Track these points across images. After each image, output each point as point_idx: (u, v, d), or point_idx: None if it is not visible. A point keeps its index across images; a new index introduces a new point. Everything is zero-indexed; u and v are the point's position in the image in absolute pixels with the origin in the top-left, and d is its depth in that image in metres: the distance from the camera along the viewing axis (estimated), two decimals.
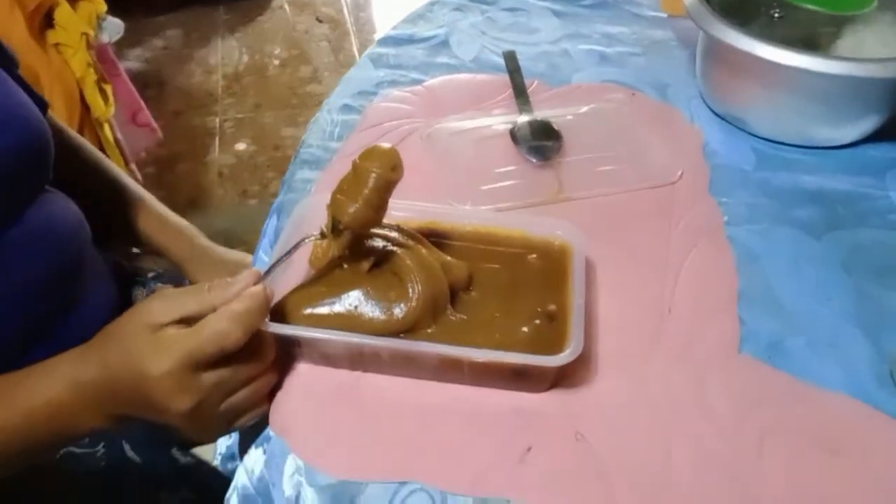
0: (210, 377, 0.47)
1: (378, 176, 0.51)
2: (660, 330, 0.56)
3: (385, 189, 0.52)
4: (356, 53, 2.55)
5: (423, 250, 0.54)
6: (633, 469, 0.48)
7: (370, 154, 0.52)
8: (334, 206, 0.52)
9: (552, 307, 0.53)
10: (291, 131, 2.17)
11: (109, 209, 0.81)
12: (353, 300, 0.52)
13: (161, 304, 0.48)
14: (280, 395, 0.52)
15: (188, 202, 1.95)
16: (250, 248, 1.92)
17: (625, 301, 0.58)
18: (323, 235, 0.54)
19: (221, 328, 0.46)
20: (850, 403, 0.52)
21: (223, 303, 0.47)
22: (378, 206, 0.52)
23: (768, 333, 0.56)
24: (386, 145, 0.53)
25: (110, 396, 0.49)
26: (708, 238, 0.64)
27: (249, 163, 2.08)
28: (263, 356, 0.50)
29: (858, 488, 0.48)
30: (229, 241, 1.79)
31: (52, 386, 0.50)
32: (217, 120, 2.23)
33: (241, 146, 2.14)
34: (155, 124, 1.77)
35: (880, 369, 0.54)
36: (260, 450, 0.51)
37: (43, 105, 0.69)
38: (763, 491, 0.47)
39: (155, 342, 0.46)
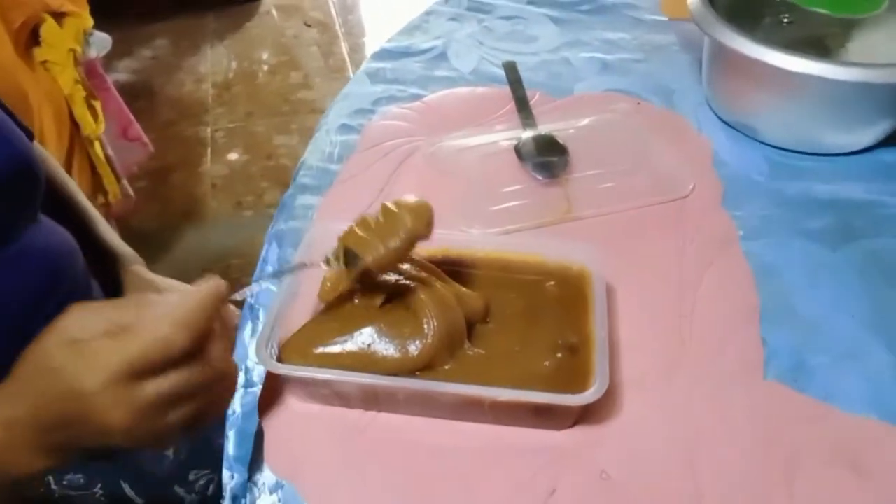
0: (153, 388, 0.41)
1: (411, 232, 0.50)
2: (680, 354, 0.55)
3: (413, 244, 0.50)
4: (346, 57, 2.52)
5: (438, 283, 0.52)
6: None
7: (406, 206, 0.51)
8: (355, 242, 0.50)
9: (574, 339, 0.51)
10: (284, 139, 2.15)
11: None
12: (366, 337, 0.50)
13: (78, 319, 0.43)
14: (288, 437, 0.50)
15: (182, 215, 1.92)
16: (248, 262, 1.89)
17: (643, 325, 0.56)
18: (327, 263, 0.52)
19: (162, 333, 0.41)
20: (876, 426, 0.50)
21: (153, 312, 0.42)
22: (402, 257, 0.51)
23: (790, 352, 0.55)
24: (421, 200, 0.52)
25: (39, 428, 0.44)
26: (724, 254, 0.62)
27: (242, 173, 2.05)
28: (218, 356, 0.44)
29: None
30: (226, 255, 1.79)
31: None
32: (208, 130, 2.21)
33: (233, 156, 2.11)
34: (146, 138, 1.75)
35: None
36: (274, 496, 0.49)
37: (28, 134, 0.67)
38: None
39: (80, 356, 0.41)
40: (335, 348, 0.50)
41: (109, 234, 0.82)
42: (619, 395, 0.52)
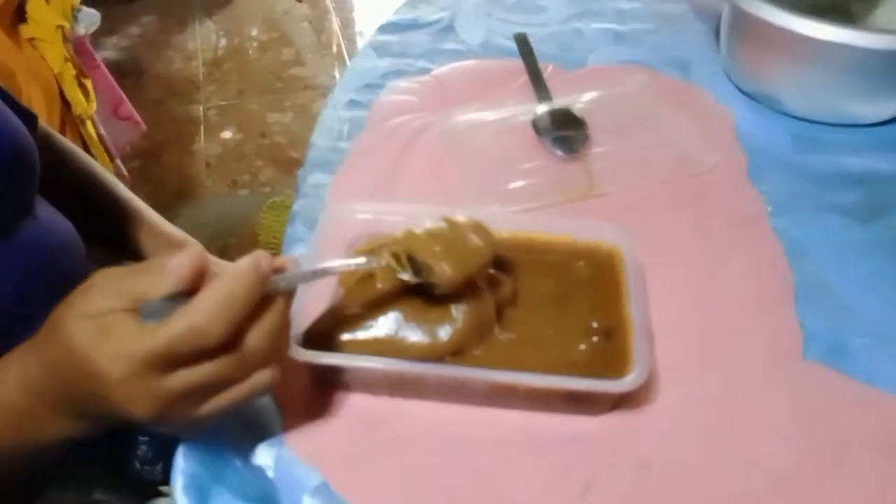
0: (180, 380, 0.38)
1: (486, 260, 0.48)
2: (715, 336, 0.53)
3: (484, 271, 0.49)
4: (338, 33, 2.48)
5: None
6: (705, 496, 0.44)
7: (481, 229, 0.49)
8: (424, 253, 0.47)
9: (609, 322, 0.49)
10: (277, 117, 2.11)
11: (104, 222, 0.76)
12: (391, 323, 0.48)
13: (103, 291, 0.39)
14: (313, 423, 0.48)
15: (176, 194, 1.89)
16: (243, 240, 1.86)
17: (675, 304, 0.55)
18: (388, 266, 0.47)
19: (197, 323, 0.37)
20: None
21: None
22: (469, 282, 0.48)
23: (828, 333, 0.53)
24: (479, 221, 0.50)
25: (66, 399, 0.41)
26: (753, 230, 0.60)
27: (236, 151, 2.02)
28: (256, 343, 0.39)
29: None
30: (222, 234, 1.76)
31: (1, 391, 0.43)
32: (200, 108, 2.17)
33: (226, 134, 2.07)
34: (138, 117, 1.71)
35: None
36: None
37: (31, 119, 0.64)
38: None
39: (106, 339, 0.37)
40: (361, 334, 0.48)
41: (161, 221, 0.79)
42: (654, 380, 0.50)
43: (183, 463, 0.46)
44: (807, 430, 0.47)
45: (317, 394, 0.49)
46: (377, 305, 0.49)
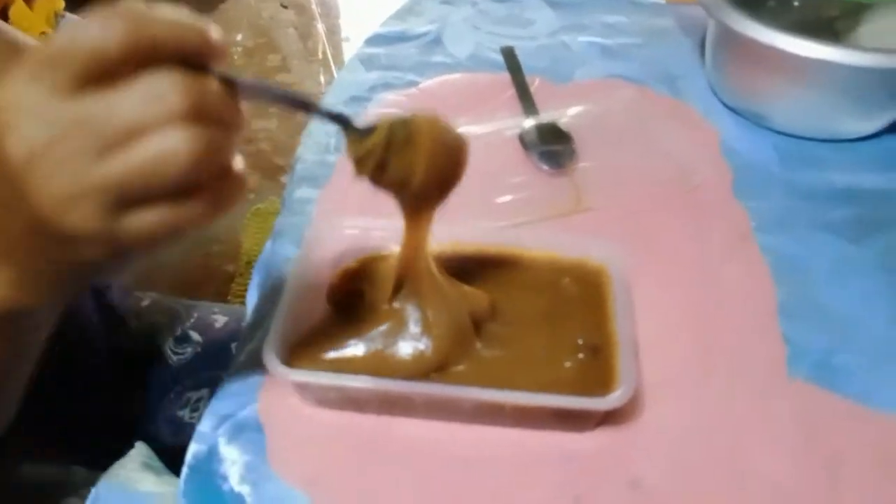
0: (86, 106, 0.30)
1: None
2: (704, 354, 0.53)
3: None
4: (324, 39, 2.48)
5: (440, 278, 0.50)
6: None
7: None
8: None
9: (596, 339, 0.49)
10: (263, 123, 2.10)
11: None
12: (377, 339, 0.48)
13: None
14: (298, 444, 0.48)
15: None
16: (227, 248, 1.85)
17: (663, 323, 0.55)
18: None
19: (97, 21, 0.30)
20: None
21: None
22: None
23: (816, 351, 0.53)
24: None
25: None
26: (738, 247, 0.60)
27: None
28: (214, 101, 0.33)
29: None
30: (205, 241, 1.75)
31: None
32: None
33: None
34: None
35: None
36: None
37: None
38: None
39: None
40: (347, 352, 0.48)
41: None
42: (642, 396, 0.50)
43: None
44: (800, 442, 0.48)
45: (303, 413, 0.49)
46: (362, 322, 0.49)
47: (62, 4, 1.47)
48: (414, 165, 0.43)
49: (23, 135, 0.31)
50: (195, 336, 0.80)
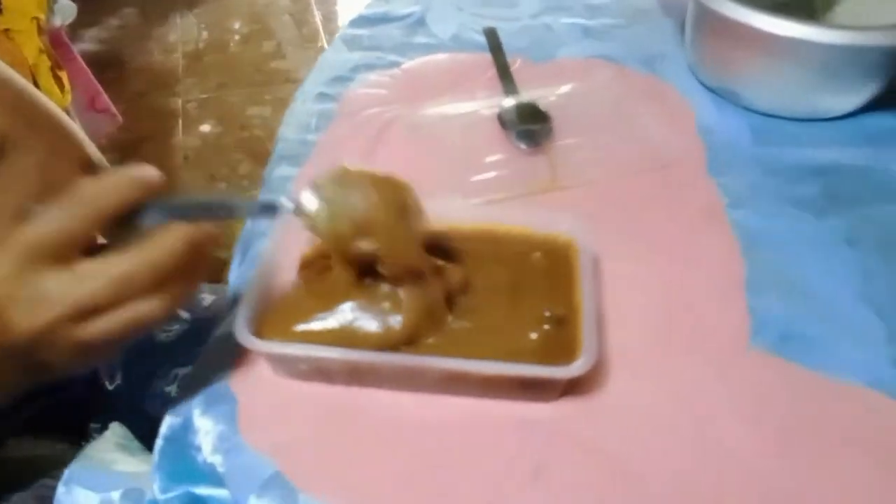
0: (54, 280, 0.39)
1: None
2: (669, 326, 0.54)
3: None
4: (320, 26, 2.48)
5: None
6: (654, 479, 0.45)
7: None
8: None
9: (561, 311, 0.50)
10: (258, 110, 2.11)
11: None
12: (346, 313, 0.49)
13: None
14: (268, 413, 0.49)
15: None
16: (222, 234, 1.87)
17: (630, 294, 0.55)
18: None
19: (60, 212, 0.39)
20: (868, 395, 0.50)
21: None
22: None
23: (779, 322, 0.54)
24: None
25: None
26: (710, 222, 0.61)
27: (216, 144, 2.02)
28: (164, 247, 0.41)
29: (882, 480, 0.46)
30: None
31: None
32: (180, 101, 2.16)
33: (205, 127, 2.07)
34: (114, 109, 1.71)
35: None
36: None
37: None
38: (785, 489, 0.45)
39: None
40: (316, 325, 0.49)
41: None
42: (608, 367, 0.51)
43: None
44: (754, 414, 0.49)
45: (274, 384, 0.50)
46: (332, 296, 0.49)
47: None
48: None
49: (20, 313, 0.39)
50: (183, 314, 0.81)
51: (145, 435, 0.60)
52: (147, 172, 0.42)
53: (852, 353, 0.52)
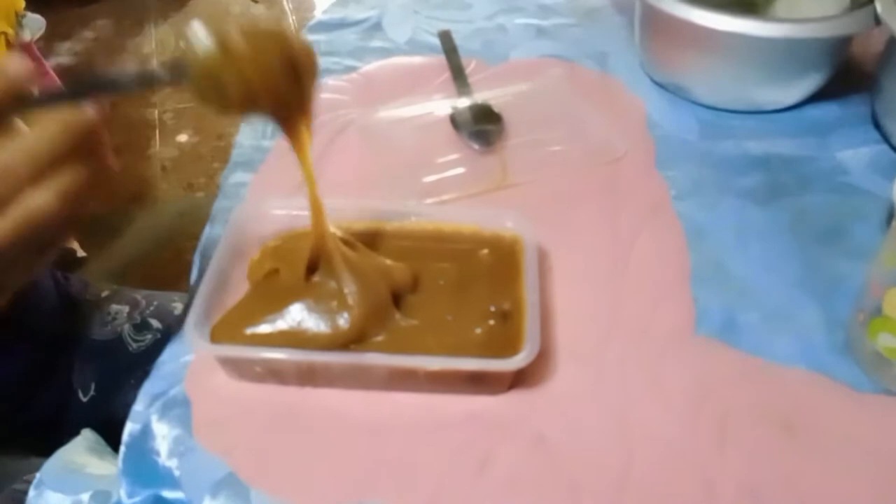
0: None
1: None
2: (615, 316, 0.55)
3: None
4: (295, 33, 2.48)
5: (355, 256, 0.52)
6: (596, 467, 0.47)
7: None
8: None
9: (506, 305, 0.52)
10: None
11: None
12: (294, 315, 0.50)
13: None
14: (221, 415, 0.50)
15: (132, 198, 1.89)
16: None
17: (578, 289, 0.57)
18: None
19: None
20: (807, 377, 0.52)
21: None
22: None
23: (721, 310, 0.56)
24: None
25: None
26: (657, 215, 0.63)
27: (193, 154, 2.02)
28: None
29: (820, 463, 0.47)
30: (179, 236, 1.76)
31: None
32: (156, 112, 2.17)
33: (182, 137, 2.08)
34: None
35: (835, 337, 0.54)
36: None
37: None
38: (725, 476, 0.46)
39: None
40: (265, 328, 0.50)
41: None
42: (554, 359, 0.52)
43: None
44: (695, 401, 0.50)
45: (227, 387, 0.51)
46: (280, 298, 0.51)
47: (22, 4, 1.48)
48: (248, 97, 0.43)
49: None
50: (155, 323, 0.82)
51: (119, 443, 0.61)
52: (8, 62, 0.39)
53: (792, 340, 0.54)
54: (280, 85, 0.44)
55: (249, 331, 0.50)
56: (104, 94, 0.42)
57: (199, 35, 0.42)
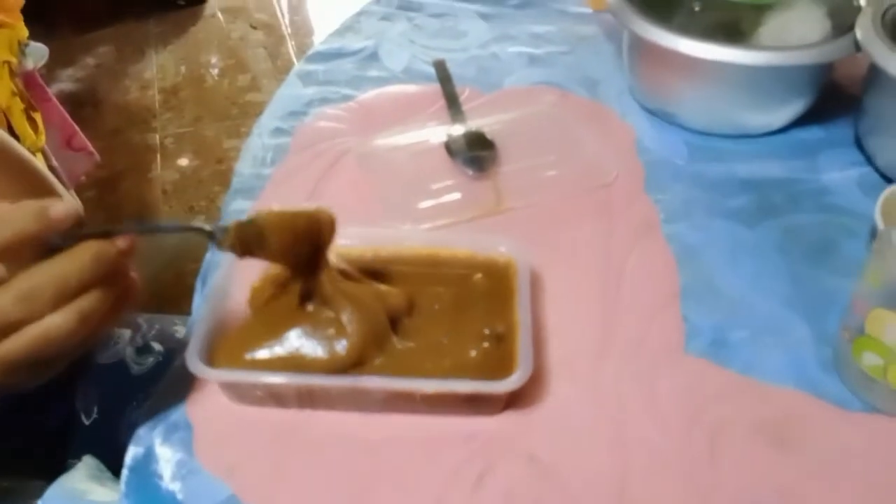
0: None
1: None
2: (606, 337, 0.57)
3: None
4: (294, 58, 2.51)
5: (351, 283, 0.53)
6: (592, 484, 0.48)
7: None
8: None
9: (500, 328, 0.53)
10: (234, 143, 2.14)
11: None
12: (293, 340, 0.51)
13: None
14: (223, 437, 0.51)
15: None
16: (201, 266, 1.88)
17: (571, 311, 0.58)
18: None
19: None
20: (795, 396, 0.53)
21: None
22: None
23: (711, 329, 0.57)
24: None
25: None
26: (646, 238, 0.64)
27: (193, 178, 2.04)
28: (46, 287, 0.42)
29: (810, 478, 0.48)
30: (180, 260, 1.77)
31: None
32: (157, 136, 2.19)
33: (183, 161, 2.10)
34: (91, 147, 1.73)
35: (823, 354, 0.55)
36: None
37: None
38: (717, 492, 0.48)
39: None
40: (265, 353, 0.51)
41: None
42: (548, 380, 0.54)
43: None
44: (687, 418, 0.51)
45: (228, 410, 0.52)
46: (279, 324, 0.52)
47: (26, 33, 1.50)
48: (274, 257, 0.52)
49: None
50: (156, 346, 0.83)
51: (122, 466, 0.63)
52: (53, 206, 0.43)
53: (782, 357, 0.56)
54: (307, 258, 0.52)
55: (250, 356, 0.51)
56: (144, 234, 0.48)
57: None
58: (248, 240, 0.50)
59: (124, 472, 0.52)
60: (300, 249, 0.51)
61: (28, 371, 0.44)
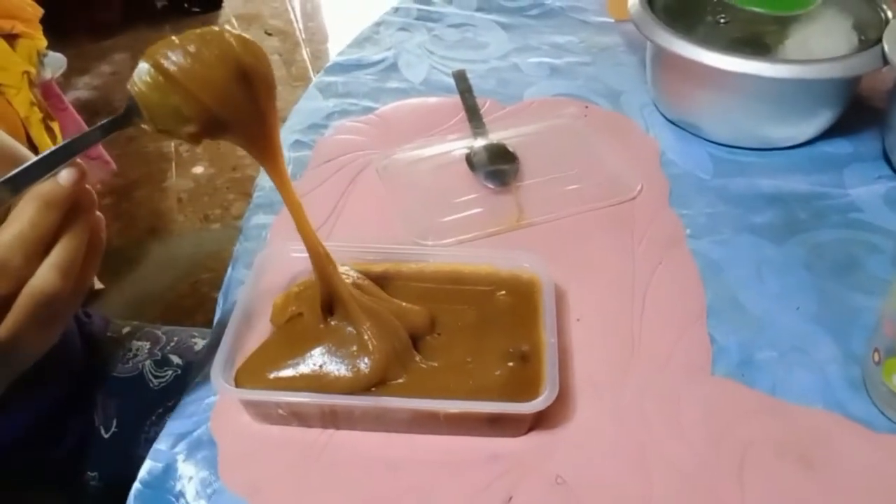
0: None
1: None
2: (631, 356, 0.56)
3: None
4: (308, 65, 2.52)
5: (371, 298, 0.53)
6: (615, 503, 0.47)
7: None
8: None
9: (525, 347, 0.52)
10: None
11: None
12: (316, 358, 0.51)
13: None
14: (245, 456, 0.51)
15: (148, 230, 1.92)
16: (216, 275, 1.90)
17: (595, 328, 0.58)
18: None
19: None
20: (823, 416, 0.52)
21: None
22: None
23: (738, 348, 0.56)
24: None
25: None
26: (671, 253, 0.63)
27: (208, 186, 2.05)
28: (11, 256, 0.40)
29: (836, 500, 0.48)
30: (195, 270, 1.78)
31: None
32: (172, 144, 2.20)
33: (198, 169, 2.11)
34: (108, 156, 1.74)
35: (851, 373, 0.54)
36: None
37: None
38: None
39: None
40: (288, 371, 0.51)
41: None
42: (573, 399, 0.53)
43: None
44: (713, 438, 0.50)
45: (252, 428, 0.52)
46: (302, 342, 0.52)
47: (44, 43, 1.51)
48: (194, 101, 0.42)
49: None
50: (175, 359, 0.83)
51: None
52: (47, 189, 0.41)
53: (809, 377, 0.54)
54: (231, 94, 0.43)
55: (273, 374, 0.51)
56: (73, 157, 0.43)
57: (139, 68, 0.43)
58: (162, 99, 0.42)
59: (136, 486, 0.52)
60: (226, 90, 0.42)
61: (35, 338, 0.43)
